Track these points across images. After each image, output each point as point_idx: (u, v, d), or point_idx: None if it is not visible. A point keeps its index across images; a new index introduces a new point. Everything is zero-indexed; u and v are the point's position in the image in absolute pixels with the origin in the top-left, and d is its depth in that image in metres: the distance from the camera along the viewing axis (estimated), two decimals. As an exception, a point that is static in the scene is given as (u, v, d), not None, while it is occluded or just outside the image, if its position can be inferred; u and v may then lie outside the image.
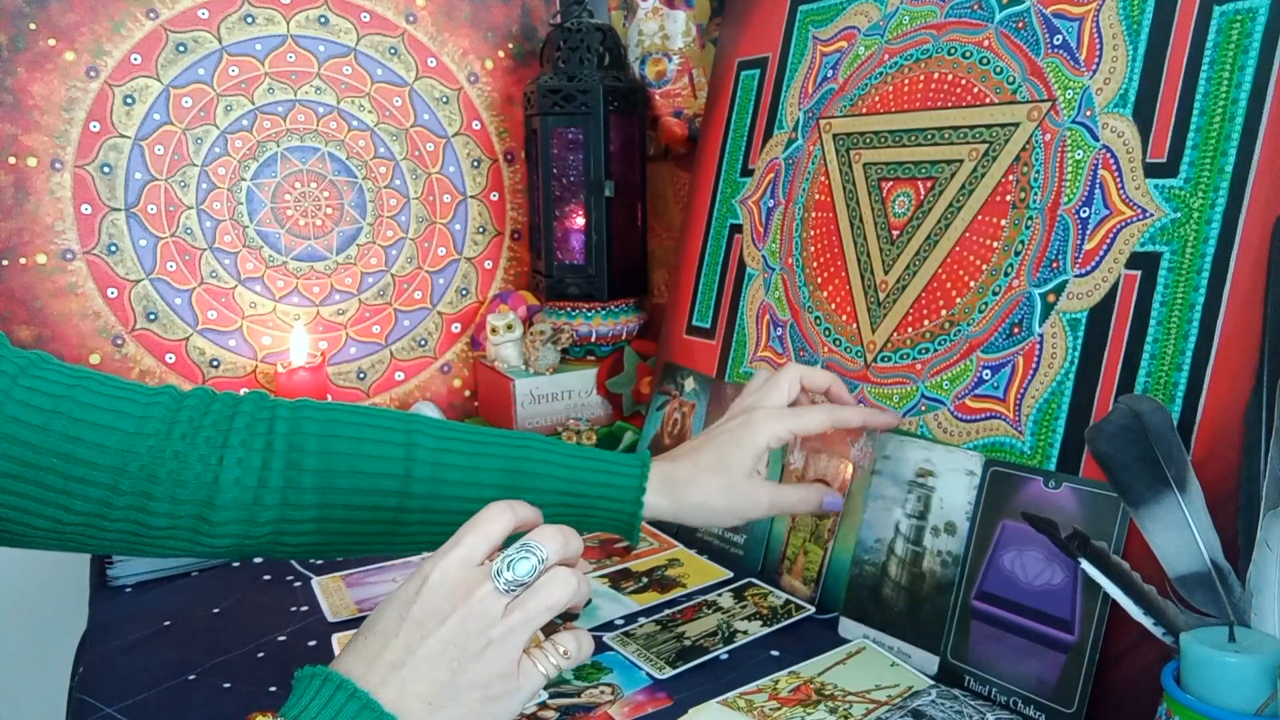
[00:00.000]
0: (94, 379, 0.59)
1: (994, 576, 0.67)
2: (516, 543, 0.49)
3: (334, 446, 0.62)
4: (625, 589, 0.84)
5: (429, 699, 0.46)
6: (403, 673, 0.45)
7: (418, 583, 0.48)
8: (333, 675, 0.45)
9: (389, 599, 0.48)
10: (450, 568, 0.48)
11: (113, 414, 0.58)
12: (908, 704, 0.63)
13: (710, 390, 0.98)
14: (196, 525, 0.60)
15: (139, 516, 0.58)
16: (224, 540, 0.61)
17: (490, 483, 0.64)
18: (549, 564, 0.49)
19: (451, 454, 0.64)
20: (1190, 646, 0.49)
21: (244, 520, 0.60)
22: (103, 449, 0.57)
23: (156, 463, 0.58)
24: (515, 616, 0.47)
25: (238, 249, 1.12)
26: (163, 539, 0.60)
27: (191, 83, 1.09)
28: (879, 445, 0.78)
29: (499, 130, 1.25)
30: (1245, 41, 0.61)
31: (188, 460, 0.59)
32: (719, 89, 1.06)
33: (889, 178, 0.83)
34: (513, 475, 0.65)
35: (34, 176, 1.02)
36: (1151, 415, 0.57)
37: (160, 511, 0.58)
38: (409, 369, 1.21)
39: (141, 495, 0.58)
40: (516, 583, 0.47)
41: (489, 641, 0.47)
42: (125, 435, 0.57)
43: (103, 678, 0.71)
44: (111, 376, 0.60)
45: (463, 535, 0.49)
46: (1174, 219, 0.63)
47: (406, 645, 0.46)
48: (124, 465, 0.57)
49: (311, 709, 0.44)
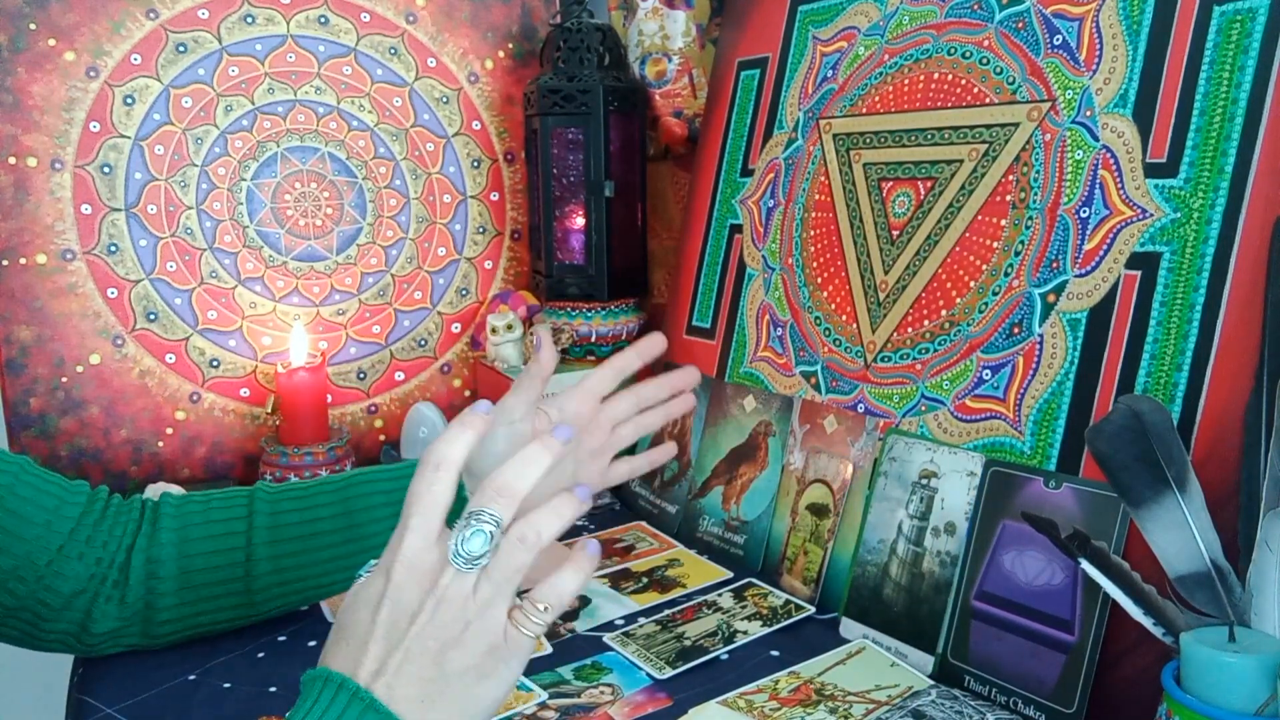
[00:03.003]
0: (19, 467, 0.66)
1: (994, 576, 0.67)
2: (464, 512, 0.46)
3: (189, 549, 0.69)
4: (625, 589, 0.84)
5: (420, 699, 0.44)
6: (385, 678, 0.44)
7: (380, 582, 0.45)
8: (334, 676, 0.44)
9: (355, 599, 0.46)
10: (411, 558, 0.45)
11: (44, 493, 0.66)
12: (908, 704, 0.63)
13: (710, 390, 0.98)
14: (80, 624, 0.67)
15: (43, 599, 0.65)
16: (100, 639, 0.68)
17: (327, 515, 0.70)
18: (504, 525, 0.46)
19: (287, 499, 0.71)
20: (1190, 646, 0.49)
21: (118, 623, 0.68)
22: (28, 526, 0.64)
23: (71, 540, 0.66)
24: (485, 591, 0.45)
25: (238, 249, 1.12)
26: (50, 634, 0.67)
27: (191, 83, 1.08)
28: (885, 447, 0.78)
29: (499, 130, 1.25)
30: (1245, 41, 0.61)
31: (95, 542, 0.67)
32: (719, 89, 1.06)
33: (889, 178, 0.83)
34: (346, 502, 0.71)
35: (34, 176, 1.02)
36: (1151, 415, 0.57)
37: (64, 593, 0.65)
38: (409, 369, 1.21)
39: (52, 574, 0.65)
40: (475, 559, 0.45)
41: (467, 623, 0.44)
42: (53, 514, 0.66)
43: (103, 678, 0.71)
44: (34, 465, 0.68)
45: (408, 517, 0.46)
46: (1174, 219, 0.63)
47: (385, 650, 0.44)
48: (48, 540, 0.65)
49: (315, 711, 0.43)
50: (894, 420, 0.79)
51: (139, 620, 0.69)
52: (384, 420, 1.19)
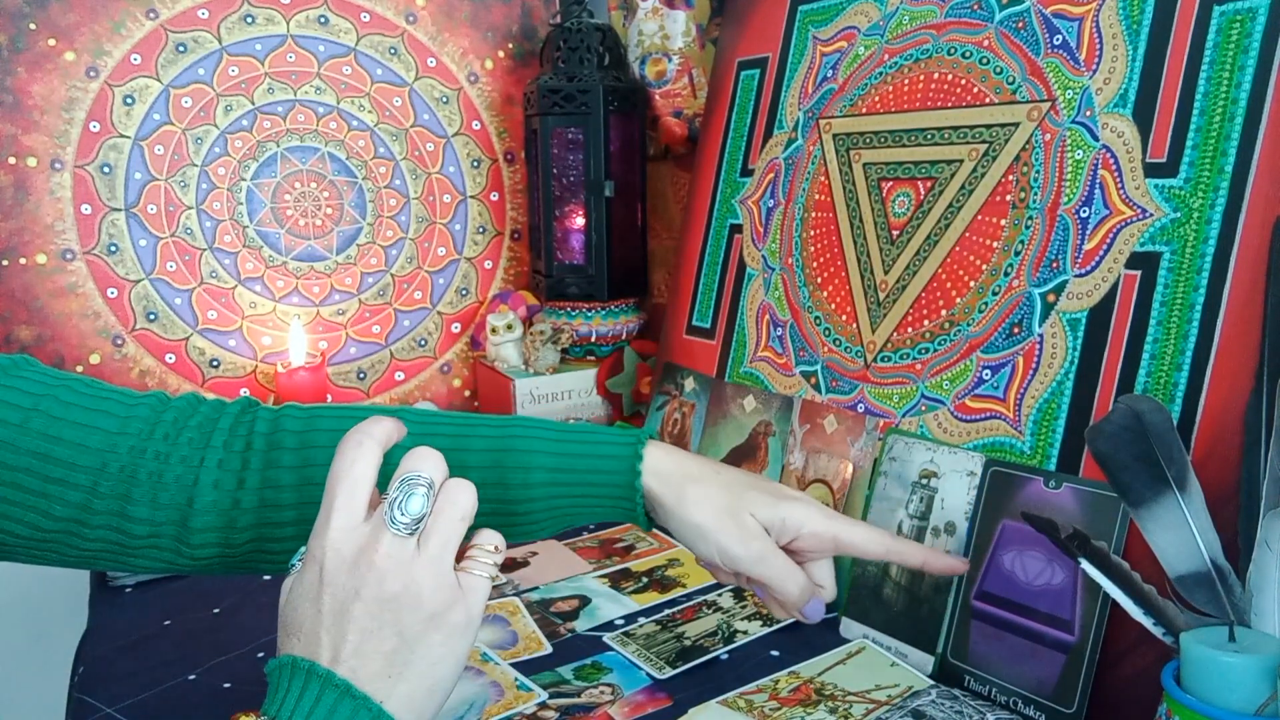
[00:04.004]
0: (79, 381, 0.57)
1: (994, 576, 0.67)
2: (395, 480, 0.45)
3: (314, 440, 0.58)
4: (625, 589, 0.84)
5: (385, 674, 0.43)
6: (344, 665, 0.43)
7: (314, 571, 0.44)
8: (300, 661, 0.43)
9: (292, 594, 0.45)
10: (339, 543, 0.44)
11: (95, 413, 0.55)
12: (908, 704, 0.63)
13: (710, 390, 0.98)
14: (178, 533, 0.56)
15: (119, 523, 0.55)
16: (205, 550, 0.57)
17: (475, 464, 0.60)
18: (438, 484, 0.46)
19: (434, 438, 0.59)
20: (1190, 646, 0.49)
21: (224, 526, 0.57)
22: (83, 448, 0.54)
23: (137, 463, 0.55)
24: (433, 543, 0.45)
25: (238, 249, 1.12)
26: (144, 548, 0.56)
27: (191, 83, 1.09)
28: (885, 447, 0.78)
29: (499, 130, 1.25)
30: (1245, 41, 0.61)
31: (169, 461, 0.56)
32: (719, 89, 1.06)
33: (889, 178, 0.83)
34: (498, 455, 0.61)
35: (34, 176, 1.02)
36: (1151, 415, 0.57)
37: (140, 517, 0.55)
38: (409, 369, 1.21)
39: (121, 498, 0.55)
40: (416, 519, 0.44)
41: (417, 582, 0.44)
42: (107, 435, 0.55)
43: (103, 678, 0.71)
44: (98, 381, 0.58)
45: (333, 498, 0.45)
46: (1174, 219, 0.63)
47: (336, 638, 0.43)
48: (104, 465, 0.54)
49: (289, 701, 0.42)
50: (894, 420, 0.79)
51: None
52: (384, 420, 1.19)
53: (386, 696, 0.43)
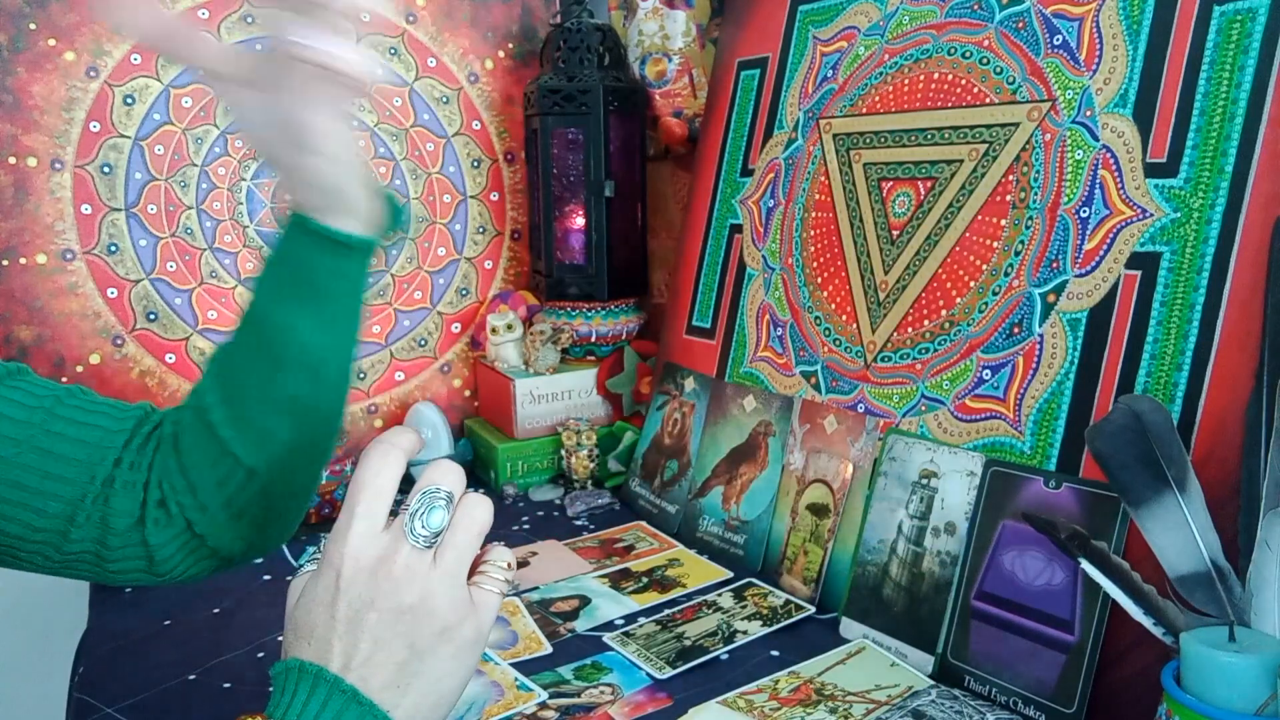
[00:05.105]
0: (78, 390, 0.58)
1: (994, 576, 0.67)
2: (415, 492, 0.46)
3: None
4: (625, 589, 0.84)
5: (394, 684, 0.43)
6: (355, 674, 0.43)
7: (330, 577, 0.44)
8: (308, 666, 0.43)
9: (306, 597, 0.45)
10: (359, 552, 0.44)
11: (95, 414, 0.57)
12: (908, 704, 0.63)
13: (710, 390, 0.98)
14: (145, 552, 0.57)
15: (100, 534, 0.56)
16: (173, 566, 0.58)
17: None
18: (457, 500, 0.46)
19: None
20: (1190, 646, 0.49)
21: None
22: (82, 444, 0.55)
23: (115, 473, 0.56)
24: (449, 558, 0.45)
25: (238, 249, 1.12)
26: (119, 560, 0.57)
27: (191, 83, 1.08)
28: (885, 447, 0.78)
29: (499, 130, 1.25)
30: (1245, 41, 0.61)
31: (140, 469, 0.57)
32: (719, 89, 1.06)
33: (889, 178, 0.83)
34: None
35: (34, 176, 1.02)
36: (1151, 415, 0.57)
37: (120, 528, 0.56)
38: (409, 369, 1.21)
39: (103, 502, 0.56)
40: (436, 533, 0.45)
41: (433, 595, 0.44)
42: (106, 433, 0.56)
43: (103, 678, 0.71)
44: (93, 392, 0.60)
45: (354, 505, 0.45)
46: (1174, 219, 0.63)
47: (349, 646, 0.43)
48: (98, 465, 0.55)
49: (296, 705, 0.42)
50: (894, 420, 0.79)
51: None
52: (384, 420, 1.19)
53: (393, 706, 0.43)
